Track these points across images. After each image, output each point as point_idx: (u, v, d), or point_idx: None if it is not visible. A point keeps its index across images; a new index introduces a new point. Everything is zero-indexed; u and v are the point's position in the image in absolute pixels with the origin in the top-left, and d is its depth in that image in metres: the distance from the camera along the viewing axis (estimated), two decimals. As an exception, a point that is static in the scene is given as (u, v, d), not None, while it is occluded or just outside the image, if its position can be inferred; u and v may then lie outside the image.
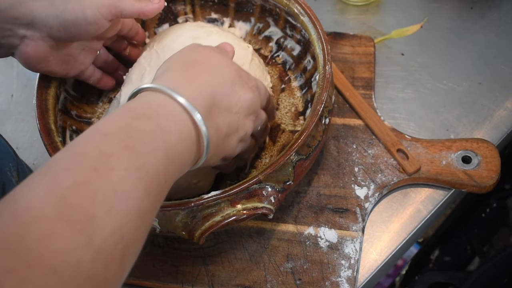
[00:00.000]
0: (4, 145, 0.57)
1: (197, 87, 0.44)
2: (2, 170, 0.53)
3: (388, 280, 0.98)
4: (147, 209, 0.36)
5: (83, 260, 0.30)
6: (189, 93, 0.42)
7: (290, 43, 0.66)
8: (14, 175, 0.55)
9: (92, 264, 0.30)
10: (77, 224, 0.30)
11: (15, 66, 0.80)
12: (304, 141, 0.52)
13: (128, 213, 0.34)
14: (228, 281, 0.58)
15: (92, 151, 0.35)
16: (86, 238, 0.30)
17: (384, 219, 0.61)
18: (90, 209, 0.32)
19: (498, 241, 0.90)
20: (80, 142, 0.36)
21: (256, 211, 0.50)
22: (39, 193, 0.31)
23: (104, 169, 0.34)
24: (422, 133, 0.66)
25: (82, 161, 0.34)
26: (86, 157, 0.34)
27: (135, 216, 0.34)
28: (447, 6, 0.77)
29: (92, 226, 0.31)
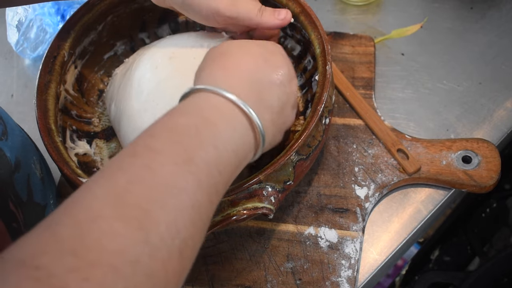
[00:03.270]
0: (27, 138, 0.58)
1: (232, 73, 0.44)
2: (28, 162, 0.55)
3: (388, 280, 0.99)
4: (200, 202, 0.36)
5: (142, 257, 0.30)
6: (227, 82, 0.43)
7: (290, 43, 0.66)
8: (37, 168, 0.56)
9: (151, 261, 0.31)
10: (133, 222, 0.31)
11: (15, 66, 0.80)
12: (304, 141, 0.52)
13: (182, 207, 0.34)
14: (228, 281, 0.58)
15: (142, 151, 0.36)
16: (143, 235, 0.31)
17: (384, 219, 0.61)
18: (145, 206, 0.32)
19: (498, 241, 0.90)
20: (132, 145, 0.37)
21: (256, 211, 0.50)
22: (97, 193, 0.32)
23: (155, 165, 0.35)
24: (422, 133, 0.66)
25: (134, 160, 0.35)
26: (137, 156, 0.36)
27: (189, 210, 0.35)
28: (447, 6, 0.77)
29: (148, 223, 0.32)
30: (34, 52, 0.79)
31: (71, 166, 0.53)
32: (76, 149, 0.60)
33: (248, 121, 0.42)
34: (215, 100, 0.41)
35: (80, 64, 0.64)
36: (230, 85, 0.42)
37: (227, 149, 0.40)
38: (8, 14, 0.78)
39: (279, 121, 0.47)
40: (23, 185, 0.52)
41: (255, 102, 0.43)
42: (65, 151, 0.54)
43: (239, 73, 0.44)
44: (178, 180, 0.35)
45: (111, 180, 0.34)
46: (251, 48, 0.47)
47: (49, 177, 0.59)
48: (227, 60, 0.45)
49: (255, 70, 0.45)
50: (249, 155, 0.43)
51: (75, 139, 0.61)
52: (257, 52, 0.47)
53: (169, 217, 0.33)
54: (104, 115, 0.65)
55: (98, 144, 0.63)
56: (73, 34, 0.61)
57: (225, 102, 0.41)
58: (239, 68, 0.45)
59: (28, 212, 0.52)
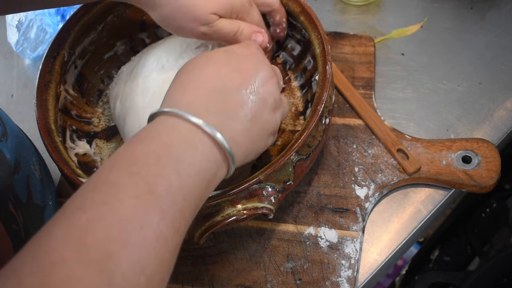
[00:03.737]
0: (26, 139, 0.58)
1: (192, 88, 0.42)
2: (27, 163, 0.54)
3: (388, 280, 0.98)
4: (166, 234, 0.34)
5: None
6: (186, 100, 0.41)
7: (290, 43, 0.66)
8: (37, 169, 0.56)
9: None
10: (95, 264, 0.30)
11: (15, 66, 0.80)
12: (304, 141, 0.52)
13: (146, 242, 0.33)
14: (228, 281, 0.58)
15: (101, 185, 0.35)
16: (106, 277, 0.30)
17: (384, 219, 0.61)
18: (106, 246, 0.31)
19: (498, 241, 0.90)
20: (93, 179, 0.36)
21: (256, 211, 0.50)
22: (58, 235, 0.32)
23: (115, 201, 0.34)
24: (422, 133, 0.66)
25: (93, 196, 0.34)
26: (97, 191, 0.34)
27: (154, 243, 0.33)
28: (447, 6, 0.77)
29: (110, 264, 0.31)
30: (34, 52, 0.79)
31: (71, 166, 0.53)
32: (76, 149, 0.60)
33: (211, 138, 0.40)
34: (173, 122, 0.40)
35: (80, 64, 0.64)
36: (189, 102, 0.41)
37: (190, 173, 0.38)
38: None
39: (254, 128, 0.44)
40: (23, 187, 0.52)
41: (219, 114, 0.41)
42: (65, 151, 0.54)
43: (199, 87, 0.42)
44: (139, 215, 0.33)
45: (71, 219, 0.33)
46: (216, 57, 0.45)
47: (48, 178, 0.59)
48: (189, 77, 0.43)
49: (217, 80, 0.43)
50: (219, 172, 0.42)
51: (75, 139, 0.61)
52: (222, 60, 0.44)
53: (133, 256, 0.32)
54: (104, 115, 0.65)
55: (98, 144, 0.63)
56: (73, 34, 0.61)
57: (183, 122, 0.39)
58: (200, 81, 0.42)
59: (28, 213, 0.51)
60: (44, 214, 0.55)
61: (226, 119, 0.41)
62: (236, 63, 0.44)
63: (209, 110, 0.41)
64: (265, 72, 0.46)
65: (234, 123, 0.42)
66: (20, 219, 0.49)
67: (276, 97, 0.47)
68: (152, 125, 0.40)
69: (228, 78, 0.43)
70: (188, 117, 0.39)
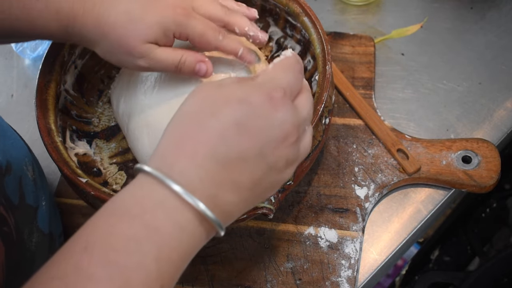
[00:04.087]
0: (19, 140, 0.57)
1: (188, 149, 0.36)
2: (19, 165, 0.53)
3: (388, 280, 0.98)
4: None
5: None
6: (179, 164, 0.35)
7: (290, 43, 0.66)
8: (29, 169, 0.55)
9: None
10: None
11: (15, 66, 0.80)
12: (304, 141, 0.52)
13: None
14: (228, 281, 0.58)
15: (71, 273, 0.31)
16: None
17: (384, 219, 0.61)
18: None
19: (498, 241, 0.90)
20: (63, 257, 0.33)
21: (256, 211, 0.50)
22: None
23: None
24: (422, 133, 0.66)
25: (60, 284, 0.31)
26: (66, 281, 0.31)
27: None
28: (447, 6, 0.77)
29: None
30: (34, 52, 0.78)
31: (71, 166, 0.53)
32: (76, 149, 0.60)
33: (201, 215, 0.35)
34: (161, 194, 0.35)
35: (80, 64, 0.64)
36: (182, 170, 0.35)
37: (172, 258, 0.34)
38: (8, 14, 0.78)
39: (255, 194, 0.38)
40: (15, 188, 0.51)
41: (214, 187, 0.36)
42: (65, 151, 0.54)
43: (198, 151, 0.35)
44: None
45: None
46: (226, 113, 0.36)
47: (41, 178, 0.59)
48: (188, 132, 0.36)
49: (220, 145, 0.36)
50: (206, 240, 0.38)
51: (75, 139, 0.61)
52: (231, 118, 0.36)
53: None
54: (104, 115, 0.65)
55: (98, 144, 0.63)
56: (73, 34, 0.61)
57: (171, 195, 0.35)
58: (200, 143, 0.36)
59: (20, 215, 0.51)
60: (37, 214, 0.55)
61: (222, 191, 0.36)
62: (247, 122, 0.36)
63: (204, 182, 0.35)
64: (282, 131, 0.37)
65: (231, 195, 0.37)
66: (11, 221, 0.48)
67: (290, 157, 0.39)
68: (137, 192, 0.36)
69: (233, 144, 0.36)
70: (179, 192, 0.34)
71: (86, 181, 0.51)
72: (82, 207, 0.64)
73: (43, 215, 0.56)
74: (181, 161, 0.35)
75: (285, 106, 0.37)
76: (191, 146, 0.36)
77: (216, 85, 0.38)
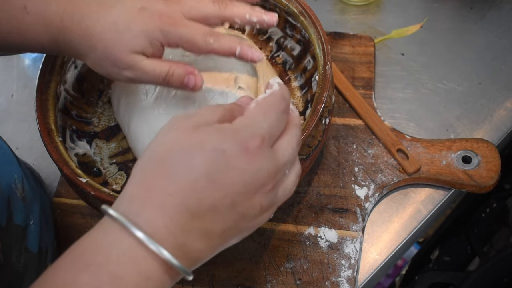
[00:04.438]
0: (9, 154, 0.55)
1: (157, 203, 0.34)
2: (8, 183, 0.52)
3: (388, 280, 0.98)
4: None
5: None
6: (145, 215, 0.34)
7: (290, 43, 0.66)
8: (18, 187, 0.54)
9: None
10: None
11: (15, 66, 0.80)
12: (304, 141, 0.52)
13: None
14: (228, 281, 0.58)
15: None
16: None
17: (384, 219, 0.61)
18: None
19: (498, 241, 0.90)
20: None
21: (256, 211, 0.50)
22: None
23: None
24: (422, 133, 0.66)
25: None
26: None
27: None
28: (447, 6, 0.77)
29: None
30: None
31: (71, 166, 0.53)
32: (76, 149, 0.60)
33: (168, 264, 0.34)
34: (126, 242, 0.34)
35: (80, 64, 0.64)
36: (150, 218, 0.34)
37: None
38: (8, 14, 0.78)
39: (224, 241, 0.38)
40: (3, 209, 0.49)
41: (182, 235, 0.35)
42: (65, 151, 0.54)
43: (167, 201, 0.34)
44: None
45: None
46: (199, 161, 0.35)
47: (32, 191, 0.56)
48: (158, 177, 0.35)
49: (190, 195, 0.34)
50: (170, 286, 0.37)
51: (75, 139, 0.61)
52: (203, 167, 0.35)
53: None
54: (104, 115, 0.65)
55: (98, 144, 0.63)
56: (73, 34, 0.61)
57: (136, 243, 0.34)
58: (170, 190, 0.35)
59: (8, 236, 0.49)
60: (26, 234, 0.53)
61: (190, 240, 0.35)
62: (219, 173, 0.35)
63: (172, 231, 0.34)
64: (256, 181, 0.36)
65: (200, 243, 0.36)
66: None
67: (264, 204, 0.37)
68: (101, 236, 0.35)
69: (205, 196, 0.35)
70: (144, 240, 0.33)
71: (86, 181, 0.51)
72: (82, 207, 0.64)
73: (32, 234, 0.54)
74: (148, 209, 0.34)
75: (261, 155, 0.36)
76: (161, 197, 0.34)
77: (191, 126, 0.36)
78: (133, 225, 0.34)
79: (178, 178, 0.35)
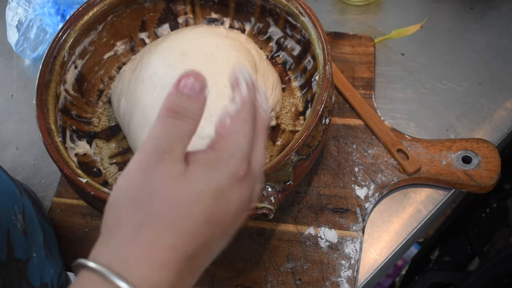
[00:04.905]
0: (10, 185, 0.53)
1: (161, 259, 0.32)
2: (8, 215, 0.50)
3: (388, 280, 0.98)
4: None
5: None
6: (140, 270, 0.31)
7: (290, 43, 0.66)
8: (19, 218, 0.52)
9: None
10: None
11: (15, 66, 0.80)
12: (304, 141, 0.52)
13: None
14: (228, 281, 0.58)
15: None
16: None
17: (384, 219, 0.61)
18: None
19: (498, 241, 0.90)
20: None
21: (256, 211, 0.50)
22: None
23: None
24: (422, 133, 0.66)
25: None
26: None
27: None
28: (447, 6, 0.77)
29: None
30: (34, 52, 0.78)
31: (71, 166, 0.53)
32: (76, 149, 0.60)
33: None
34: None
35: (80, 64, 0.64)
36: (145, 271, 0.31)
37: None
38: (8, 14, 0.78)
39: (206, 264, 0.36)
40: (2, 243, 0.48)
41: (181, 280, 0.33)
42: (65, 151, 0.54)
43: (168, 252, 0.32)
44: None
45: None
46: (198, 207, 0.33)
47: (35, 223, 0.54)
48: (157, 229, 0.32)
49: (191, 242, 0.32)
50: None
51: (75, 139, 0.61)
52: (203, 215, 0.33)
53: None
54: (104, 115, 0.65)
55: (98, 144, 0.63)
56: (73, 34, 0.61)
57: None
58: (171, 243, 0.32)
59: (8, 273, 0.47)
60: (27, 268, 0.51)
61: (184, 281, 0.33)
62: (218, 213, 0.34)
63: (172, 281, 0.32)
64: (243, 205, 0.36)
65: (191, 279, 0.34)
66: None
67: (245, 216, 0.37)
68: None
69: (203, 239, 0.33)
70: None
71: (86, 181, 0.51)
72: (82, 207, 0.64)
73: (35, 267, 0.52)
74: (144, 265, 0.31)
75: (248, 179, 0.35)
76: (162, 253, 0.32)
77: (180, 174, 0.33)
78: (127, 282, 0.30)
79: (181, 231, 0.32)
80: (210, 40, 0.61)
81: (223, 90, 0.56)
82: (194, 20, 0.69)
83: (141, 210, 0.32)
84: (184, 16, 0.69)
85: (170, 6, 0.68)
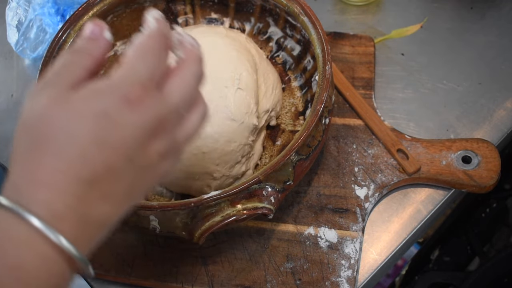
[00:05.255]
0: None
1: (49, 183, 0.32)
2: None
3: (388, 280, 0.98)
4: None
5: None
6: (39, 198, 0.32)
7: (290, 43, 0.66)
8: None
9: None
10: None
11: (15, 66, 0.80)
12: (304, 141, 0.52)
13: None
14: (228, 281, 0.58)
15: None
16: None
17: (384, 219, 0.61)
18: None
19: (498, 241, 0.90)
20: None
21: (256, 211, 0.50)
22: None
23: None
24: (422, 133, 0.66)
25: None
26: None
27: None
28: (447, 6, 0.77)
29: None
30: (34, 52, 0.78)
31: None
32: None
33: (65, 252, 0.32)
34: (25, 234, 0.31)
35: (80, 64, 0.64)
36: (44, 198, 0.32)
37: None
38: (8, 14, 0.78)
39: (129, 197, 0.36)
40: None
41: (83, 206, 0.33)
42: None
43: (58, 178, 0.32)
44: None
45: None
46: (80, 131, 0.33)
47: None
48: (42, 157, 0.33)
49: (81, 167, 0.32)
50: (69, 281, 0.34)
51: (75, 139, 0.61)
52: (88, 137, 0.33)
53: None
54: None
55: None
56: (73, 34, 0.61)
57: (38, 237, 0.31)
58: (59, 169, 0.32)
59: None
60: None
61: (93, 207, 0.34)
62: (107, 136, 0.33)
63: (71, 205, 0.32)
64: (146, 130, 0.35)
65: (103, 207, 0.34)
66: None
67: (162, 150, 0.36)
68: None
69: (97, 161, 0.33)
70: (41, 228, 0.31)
71: None
72: (82, 207, 0.64)
73: None
74: (41, 191, 0.32)
75: (145, 103, 0.34)
76: (51, 176, 0.32)
77: (63, 98, 0.34)
78: (28, 211, 0.31)
79: (65, 153, 0.32)
80: (210, 40, 0.61)
81: (223, 90, 0.56)
82: (194, 20, 0.69)
83: (29, 135, 0.34)
84: (184, 16, 0.69)
85: (170, 6, 0.68)
